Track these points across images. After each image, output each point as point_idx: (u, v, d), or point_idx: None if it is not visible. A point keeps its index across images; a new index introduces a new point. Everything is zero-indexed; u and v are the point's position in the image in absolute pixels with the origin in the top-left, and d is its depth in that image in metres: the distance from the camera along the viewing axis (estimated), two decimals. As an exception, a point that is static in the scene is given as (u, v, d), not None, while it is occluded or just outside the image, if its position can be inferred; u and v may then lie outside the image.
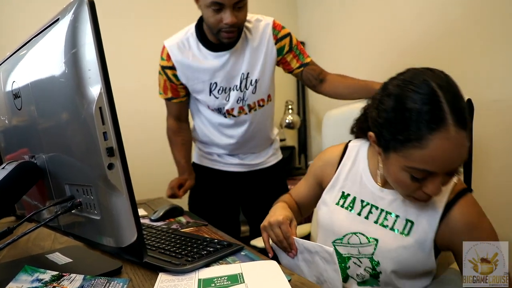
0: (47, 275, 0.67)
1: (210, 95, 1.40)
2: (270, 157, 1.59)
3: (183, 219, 1.19)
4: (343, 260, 0.88)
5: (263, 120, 1.49)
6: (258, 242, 1.36)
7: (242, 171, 1.55)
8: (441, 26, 1.68)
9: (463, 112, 0.68)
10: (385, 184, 0.88)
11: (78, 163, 0.61)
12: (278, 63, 1.46)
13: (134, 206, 0.54)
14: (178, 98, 1.48)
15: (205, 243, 0.84)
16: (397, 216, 0.83)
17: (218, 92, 1.39)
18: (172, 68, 1.40)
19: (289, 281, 0.65)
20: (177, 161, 1.57)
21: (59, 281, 0.65)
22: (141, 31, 2.21)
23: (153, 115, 2.35)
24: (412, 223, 0.81)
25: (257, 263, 0.75)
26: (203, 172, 1.61)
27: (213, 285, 0.65)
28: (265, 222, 0.90)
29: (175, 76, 1.41)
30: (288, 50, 1.41)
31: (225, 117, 1.45)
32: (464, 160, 0.70)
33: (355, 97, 1.33)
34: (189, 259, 0.74)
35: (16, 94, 0.72)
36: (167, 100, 1.50)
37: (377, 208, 0.86)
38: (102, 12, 0.52)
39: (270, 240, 0.90)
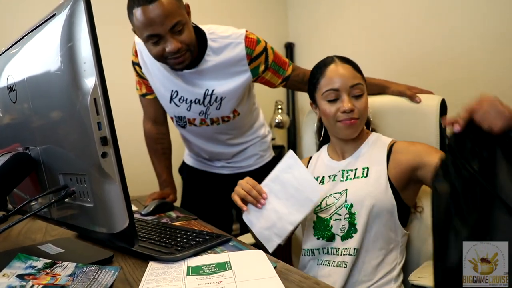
0: (40, 262, 0.69)
1: (170, 102, 1.35)
2: (258, 160, 1.57)
3: (173, 214, 1.22)
4: (327, 223, 1.00)
5: (227, 132, 1.44)
6: (245, 239, 1.38)
7: (230, 173, 1.55)
8: (428, 28, 1.73)
9: (347, 59, 1.07)
10: (342, 158, 1.10)
11: (72, 153, 0.63)
12: (256, 81, 1.38)
13: (126, 193, 0.57)
14: (152, 94, 1.42)
15: (194, 234, 0.87)
16: (355, 169, 1.04)
17: (179, 100, 1.34)
18: (139, 65, 1.36)
19: (274, 267, 0.68)
20: (158, 174, 1.51)
21: (52, 268, 0.67)
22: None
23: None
24: (368, 168, 1.02)
25: (244, 252, 0.78)
26: (193, 172, 1.62)
27: (201, 271, 0.68)
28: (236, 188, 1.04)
29: (143, 73, 1.37)
30: (264, 69, 1.31)
31: (184, 127, 1.41)
32: (352, 82, 1.01)
33: None
34: (179, 248, 0.77)
35: (11, 88, 0.74)
36: (142, 96, 1.45)
37: (339, 171, 1.07)
38: (97, 18, 0.55)
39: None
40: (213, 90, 1.29)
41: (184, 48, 1.15)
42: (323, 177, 1.10)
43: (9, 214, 0.65)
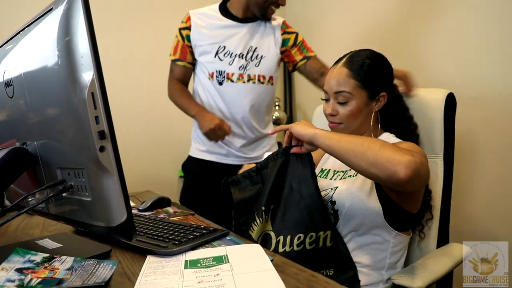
0: (39, 256, 0.69)
1: (215, 56, 1.55)
2: (266, 152, 1.62)
3: (170, 209, 1.22)
4: None
5: (257, 98, 1.60)
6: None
7: (238, 164, 1.59)
8: (423, 23, 1.74)
9: (353, 61, 1.03)
10: None
11: (70, 147, 0.63)
12: (283, 57, 1.64)
13: (124, 187, 0.57)
14: (183, 61, 1.62)
15: (191, 229, 0.87)
16: None
17: (224, 55, 1.55)
18: (187, 28, 1.57)
19: (271, 261, 0.69)
20: (192, 105, 1.60)
21: (50, 262, 0.67)
22: (133, 32, 2.23)
23: (140, 110, 2.36)
24: None
25: (242, 246, 0.78)
26: (201, 165, 1.65)
27: (199, 265, 0.69)
28: None
29: (188, 36, 1.58)
30: (292, 45, 1.62)
31: (221, 84, 1.56)
32: (337, 89, 1.02)
33: None
34: (176, 242, 0.78)
35: (7, 83, 0.74)
36: (174, 61, 1.64)
37: (342, 171, 1.08)
38: (94, 13, 0.55)
39: None
40: (256, 48, 1.58)
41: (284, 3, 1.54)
42: (329, 170, 1.13)
43: (6, 208, 0.65)
